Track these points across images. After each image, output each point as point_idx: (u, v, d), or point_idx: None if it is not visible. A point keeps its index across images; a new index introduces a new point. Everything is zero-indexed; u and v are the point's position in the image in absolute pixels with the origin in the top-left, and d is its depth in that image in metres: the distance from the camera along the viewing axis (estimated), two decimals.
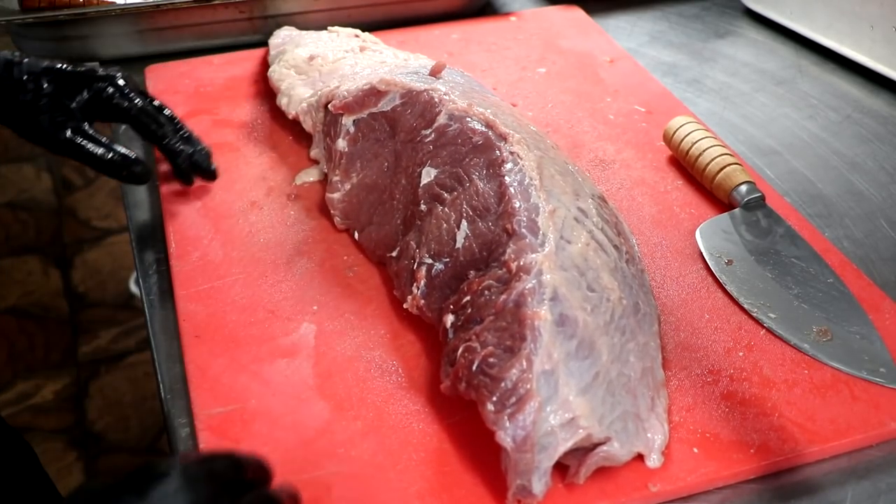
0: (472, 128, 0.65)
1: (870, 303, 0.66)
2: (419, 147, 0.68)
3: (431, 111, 0.68)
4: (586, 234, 0.59)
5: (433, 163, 0.66)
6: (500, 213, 0.60)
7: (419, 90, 0.70)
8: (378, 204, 0.71)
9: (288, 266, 0.71)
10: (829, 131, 0.90)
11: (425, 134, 0.67)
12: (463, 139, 0.65)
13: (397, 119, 0.70)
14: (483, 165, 0.63)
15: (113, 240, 2.04)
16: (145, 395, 1.70)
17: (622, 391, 0.56)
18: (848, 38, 0.98)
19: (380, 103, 0.71)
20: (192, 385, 0.61)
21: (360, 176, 0.73)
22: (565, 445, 0.52)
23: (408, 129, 0.69)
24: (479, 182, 0.63)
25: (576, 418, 0.52)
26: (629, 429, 0.55)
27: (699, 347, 0.63)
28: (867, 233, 0.77)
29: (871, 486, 0.56)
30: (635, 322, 0.59)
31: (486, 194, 0.62)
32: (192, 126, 0.86)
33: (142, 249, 0.75)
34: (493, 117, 0.65)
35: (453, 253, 0.62)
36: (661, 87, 0.94)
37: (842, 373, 0.61)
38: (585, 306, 0.55)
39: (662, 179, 0.80)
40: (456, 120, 0.66)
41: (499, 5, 1.13)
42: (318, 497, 0.54)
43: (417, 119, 0.69)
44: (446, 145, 0.66)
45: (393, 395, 0.60)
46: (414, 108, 0.69)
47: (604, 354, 0.55)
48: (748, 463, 0.56)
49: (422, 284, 0.63)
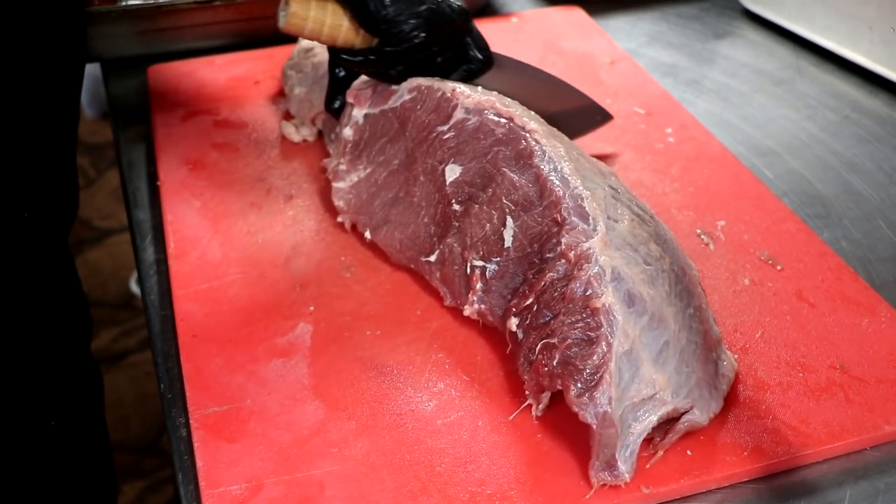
0: (492, 120, 0.65)
1: (866, 306, 0.66)
2: (437, 144, 0.68)
3: (446, 106, 0.67)
4: (626, 209, 0.60)
5: (457, 160, 0.66)
6: (545, 205, 0.60)
7: (427, 85, 0.69)
8: (393, 202, 0.71)
9: (285, 266, 0.71)
10: (828, 132, 0.90)
11: (442, 130, 0.67)
12: (484, 132, 0.65)
13: (407, 115, 0.70)
14: (512, 157, 0.63)
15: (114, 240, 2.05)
16: (146, 394, 1.71)
17: (693, 359, 0.57)
18: (846, 39, 0.98)
19: (389, 99, 0.71)
20: (188, 384, 0.61)
21: (367, 171, 0.72)
22: (651, 420, 0.54)
23: (420, 125, 0.69)
24: (513, 175, 0.63)
25: (658, 393, 0.55)
26: (704, 395, 0.57)
27: None
28: (865, 233, 0.77)
29: (869, 486, 0.56)
30: (688, 286, 0.60)
31: (523, 187, 0.62)
32: (193, 126, 0.86)
33: (142, 250, 0.76)
34: (509, 108, 0.65)
35: (503, 252, 0.62)
36: (661, 90, 0.94)
37: (836, 376, 0.61)
38: (647, 280, 0.56)
39: (661, 181, 0.80)
40: (474, 113, 0.66)
41: (499, 6, 1.13)
42: (311, 496, 0.54)
43: (430, 115, 0.68)
44: (467, 141, 0.66)
45: (387, 395, 0.60)
46: (425, 104, 0.69)
47: (672, 325, 0.56)
48: (742, 465, 0.56)
49: (478, 289, 0.63)
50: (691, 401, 0.56)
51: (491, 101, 0.66)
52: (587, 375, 0.54)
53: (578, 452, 0.56)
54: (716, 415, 0.57)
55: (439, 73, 0.71)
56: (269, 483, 0.55)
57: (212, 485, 0.54)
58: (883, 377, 0.61)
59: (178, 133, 0.87)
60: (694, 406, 0.56)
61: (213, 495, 0.54)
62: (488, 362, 0.63)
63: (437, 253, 0.67)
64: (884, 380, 0.61)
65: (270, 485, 0.55)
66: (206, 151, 0.84)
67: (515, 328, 0.60)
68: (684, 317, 0.58)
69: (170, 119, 0.89)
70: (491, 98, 0.66)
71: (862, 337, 0.64)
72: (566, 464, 0.56)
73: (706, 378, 0.58)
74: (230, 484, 0.55)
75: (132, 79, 0.98)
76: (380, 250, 0.72)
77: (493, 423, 0.58)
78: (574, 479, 0.55)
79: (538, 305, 0.58)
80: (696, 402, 0.56)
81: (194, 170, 0.82)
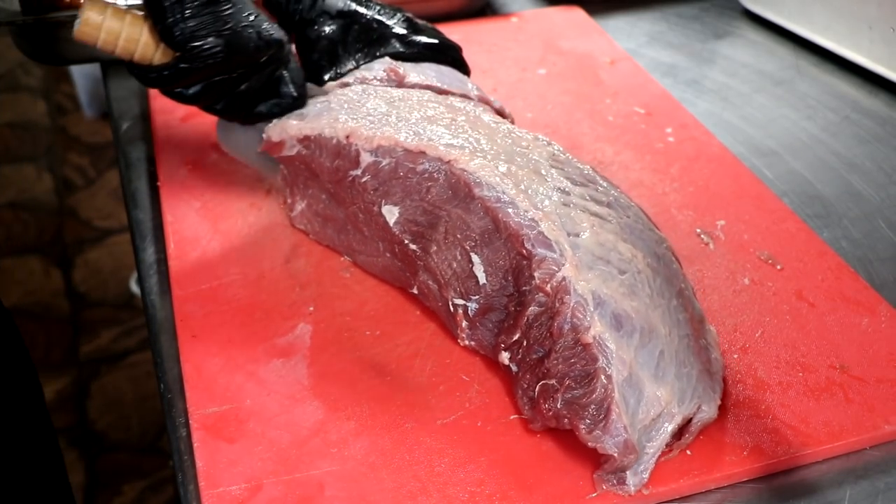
0: (406, 157, 0.61)
1: (866, 306, 0.66)
2: (358, 188, 0.64)
3: (347, 152, 0.63)
4: (582, 213, 0.58)
5: (389, 200, 0.63)
6: (504, 238, 0.58)
7: (315, 134, 0.64)
8: (346, 232, 0.69)
9: (285, 267, 0.71)
10: (828, 132, 0.90)
11: (357, 174, 0.63)
12: (405, 171, 0.61)
13: (311, 163, 0.66)
14: (448, 191, 0.60)
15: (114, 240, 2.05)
16: (146, 394, 1.71)
17: (688, 353, 0.57)
18: (846, 39, 0.98)
19: (283, 150, 0.67)
20: (187, 384, 0.61)
21: (304, 203, 0.70)
22: (665, 437, 0.54)
23: (330, 171, 0.65)
24: (459, 210, 0.60)
25: (666, 408, 0.54)
26: (707, 384, 0.57)
27: None
28: (866, 233, 0.77)
29: (869, 485, 0.56)
30: (664, 273, 0.59)
31: (475, 221, 0.59)
32: (194, 126, 0.86)
33: (142, 250, 0.76)
34: (418, 139, 0.61)
35: (481, 289, 0.60)
36: (661, 89, 0.94)
37: (836, 375, 0.61)
38: (627, 293, 0.56)
39: (661, 181, 0.80)
40: (382, 155, 0.62)
41: (499, 6, 1.13)
42: (310, 496, 0.54)
43: (336, 160, 0.64)
44: (389, 181, 0.62)
45: (386, 395, 0.60)
46: (323, 152, 0.65)
47: (661, 329, 0.56)
48: (741, 465, 0.56)
49: (464, 326, 0.62)
50: (697, 400, 0.56)
51: (393, 140, 0.61)
52: (593, 411, 0.53)
53: (578, 452, 0.56)
54: (721, 400, 0.58)
55: (242, 100, 0.66)
56: (268, 483, 0.55)
57: (212, 485, 0.54)
58: (883, 377, 0.61)
59: (178, 133, 0.87)
60: (701, 404, 0.56)
61: (213, 495, 0.54)
62: (488, 362, 0.63)
63: (416, 287, 0.66)
64: (883, 379, 0.61)
65: (270, 485, 0.54)
66: (206, 152, 0.84)
67: (508, 362, 0.59)
68: (670, 312, 0.57)
69: (170, 119, 0.89)
70: (390, 136, 0.62)
71: (862, 337, 0.64)
72: (566, 464, 0.56)
73: (703, 366, 0.58)
74: (230, 484, 0.55)
75: (132, 79, 0.97)
76: None
77: (493, 423, 0.58)
78: (574, 479, 0.55)
79: (528, 341, 0.57)
80: (701, 398, 0.56)
81: (194, 170, 0.82)
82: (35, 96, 2.59)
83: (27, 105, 2.54)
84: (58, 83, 2.62)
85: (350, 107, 0.67)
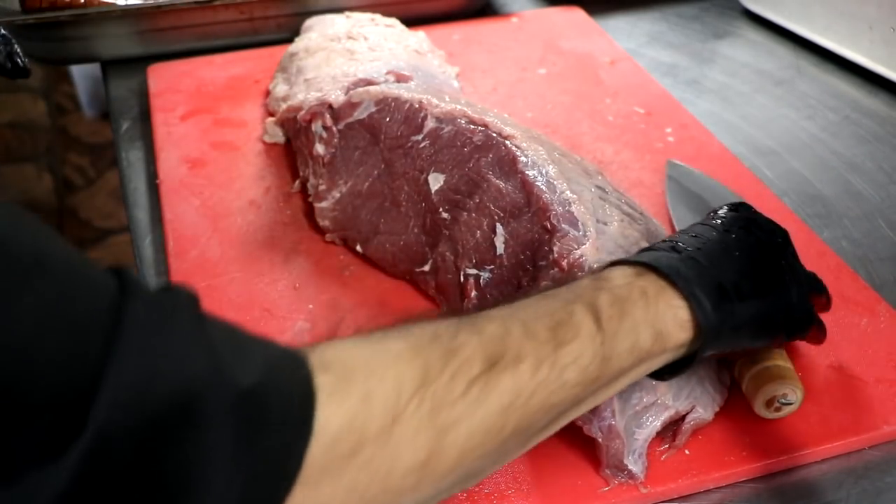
0: (467, 128, 0.65)
1: (866, 306, 0.66)
2: (413, 153, 0.67)
3: (416, 117, 0.67)
4: (615, 209, 0.60)
5: (438, 168, 0.66)
6: (533, 211, 0.60)
7: (394, 96, 0.68)
8: (380, 212, 0.70)
9: (284, 265, 0.71)
10: (828, 132, 0.90)
11: (417, 140, 0.67)
12: (462, 140, 0.65)
13: (376, 126, 0.69)
14: (494, 164, 0.63)
15: (114, 240, 2.05)
16: None
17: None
18: (846, 39, 0.98)
19: (354, 113, 0.70)
20: None
21: (348, 184, 0.71)
22: (655, 426, 0.55)
23: (393, 136, 0.68)
24: (498, 182, 0.62)
25: (660, 398, 0.55)
26: (707, 389, 0.57)
27: None
28: (865, 233, 0.77)
29: (869, 485, 0.56)
30: None
31: (510, 193, 0.61)
32: (193, 125, 0.86)
33: (142, 249, 0.76)
34: (481, 115, 0.65)
35: (496, 259, 0.61)
36: (661, 89, 0.94)
37: (836, 375, 0.61)
38: None
39: (660, 181, 0.80)
40: (446, 122, 0.65)
41: (499, 6, 1.13)
42: None
43: (401, 126, 0.68)
44: (445, 148, 0.65)
45: None
46: (393, 115, 0.68)
47: None
48: (740, 465, 0.56)
49: (473, 297, 0.62)
50: (692, 401, 0.56)
51: (461, 110, 0.65)
52: None
53: (578, 452, 0.56)
54: (721, 407, 0.58)
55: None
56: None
57: None
58: (882, 377, 0.61)
59: (178, 132, 0.87)
60: (696, 405, 0.56)
61: None
62: None
63: (430, 262, 0.66)
64: (883, 379, 0.61)
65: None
66: (206, 150, 0.85)
67: None
68: None
69: (169, 118, 0.89)
70: (460, 107, 0.66)
71: (861, 336, 0.64)
72: (565, 464, 0.56)
73: (707, 373, 0.58)
74: None
75: (132, 79, 0.98)
76: None
77: None
78: (573, 478, 0.55)
79: None
80: (697, 400, 0.56)
81: (194, 169, 0.82)
82: (35, 96, 2.59)
83: (27, 105, 2.54)
84: (58, 83, 2.62)
85: (425, 87, 0.71)
